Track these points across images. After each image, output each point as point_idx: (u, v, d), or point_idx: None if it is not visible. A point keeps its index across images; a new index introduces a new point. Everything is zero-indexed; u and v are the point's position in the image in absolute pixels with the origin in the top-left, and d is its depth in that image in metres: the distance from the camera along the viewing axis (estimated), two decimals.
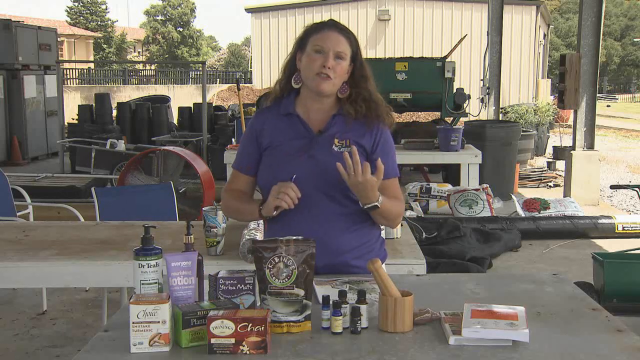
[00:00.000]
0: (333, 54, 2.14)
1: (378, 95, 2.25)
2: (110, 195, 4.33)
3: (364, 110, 2.21)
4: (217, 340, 1.62)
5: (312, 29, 2.20)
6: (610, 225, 6.51)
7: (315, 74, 2.15)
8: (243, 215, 2.32)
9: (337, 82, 2.17)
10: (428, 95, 9.27)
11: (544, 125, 14.18)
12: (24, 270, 2.81)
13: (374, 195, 2.11)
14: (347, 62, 2.17)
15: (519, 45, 21.04)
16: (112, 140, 9.23)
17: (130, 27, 48.89)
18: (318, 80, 2.15)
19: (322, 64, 2.13)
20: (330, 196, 2.17)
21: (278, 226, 2.20)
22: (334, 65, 2.14)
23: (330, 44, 2.14)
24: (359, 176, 2.05)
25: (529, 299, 2.00)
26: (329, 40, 2.15)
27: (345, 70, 2.18)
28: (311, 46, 2.16)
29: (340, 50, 2.15)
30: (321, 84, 2.15)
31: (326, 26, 2.19)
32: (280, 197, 2.09)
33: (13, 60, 11.88)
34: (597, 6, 8.08)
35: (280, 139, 2.21)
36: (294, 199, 2.09)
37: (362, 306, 1.76)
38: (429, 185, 7.56)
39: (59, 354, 3.86)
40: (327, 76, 2.14)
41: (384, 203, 2.14)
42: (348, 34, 2.19)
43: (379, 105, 2.23)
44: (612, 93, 46.23)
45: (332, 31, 2.17)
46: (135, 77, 30.69)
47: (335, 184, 2.14)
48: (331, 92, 2.19)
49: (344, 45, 2.16)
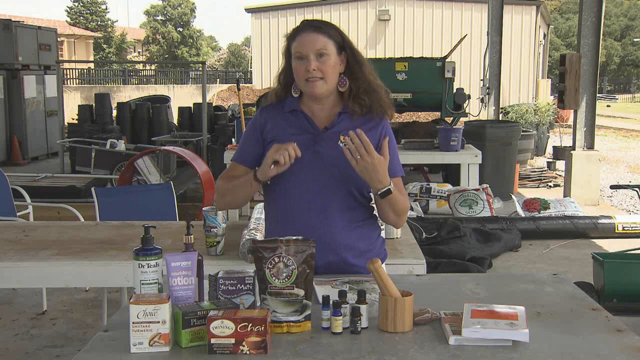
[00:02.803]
0: (313, 55, 2.12)
1: (377, 82, 2.24)
2: (110, 195, 4.33)
3: (368, 103, 2.20)
4: (217, 340, 1.62)
5: (290, 37, 2.19)
6: (610, 225, 6.51)
7: (304, 81, 2.15)
8: (237, 191, 2.23)
9: (329, 80, 2.16)
10: (428, 95, 9.27)
11: (544, 125, 14.18)
12: (24, 270, 2.80)
13: (385, 178, 2.08)
14: (332, 56, 2.15)
15: (519, 45, 21.04)
16: (112, 140, 9.23)
17: (130, 27, 48.91)
18: (308, 85, 2.15)
19: (306, 68, 2.13)
20: (332, 192, 2.16)
21: (278, 222, 2.20)
22: (318, 65, 2.12)
23: (307, 46, 2.13)
24: (367, 156, 2.01)
25: (529, 299, 2.00)
26: (305, 43, 2.13)
27: (333, 64, 2.15)
28: (293, 54, 2.16)
29: (319, 47, 2.13)
30: (313, 89, 2.15)
31: (300, 30, 2.17)
32: (280, 152, 2.06)
33: (13, 60, 11.88)
34: (597, 6, 8.08)
35: (284, 133, 2.20)
36: (292, 157, 2.06)
37: (362, 306, 1.76)
38: (429, 185, 7.56)
39: (59, 354, 3.86)
40: (315, 79, 2.13)
41: (395, 191, 2.13)
42: (326, 28, 2.16)
43: (380, 93, 2.23)
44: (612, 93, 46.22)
45: (306, 33, 2.14)
46: (135, 77, 30.70)
47: (338, 180, 2.13)
48: (327, 92, 2.19)
49: (322, 41, 2.13)
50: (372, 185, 2.11)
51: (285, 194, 2.19)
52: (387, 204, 2.15)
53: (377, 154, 2.04)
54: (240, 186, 2.21)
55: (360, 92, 2.20)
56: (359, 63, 2.21)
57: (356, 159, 2.03)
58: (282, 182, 2.17)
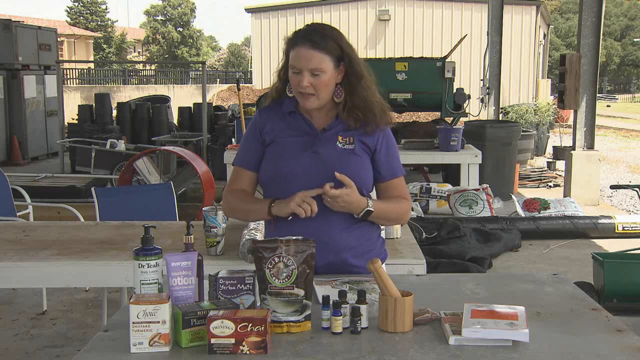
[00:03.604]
0: (307, 72, 2.11)
1: (374, 98, 2.21)
2: (110, 195, 4.33)
3: (361, 119, 2.20)
4: (217, 340, 1.62)
5: (290, 43, 2.17)
6: (610, 225, 6.51)
7: (297, 92, 2.16)
8: (249, 215, 2.31)
9: (322, 96, 2.15)
10: (428, 95, 9.27)
11: (544, 125, 14.18)
12: (24, 270, 2.80)
13: (360, 204, 2.12)
14: (328, 72, 2.13)
15: (519, 45, 21.04)
16: (112, 140, 9.23)
17: (130, 27, 48.90)
18: (301, 98, 2.16)
19: (299, 83, 2.13)
20: None
21: (278, 223, 2.20)
22: (311, 82, 2.12)
23: (302, 63, 2.11)
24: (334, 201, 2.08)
25: (529, 299, 2.00)
26: (301, 59, 2.12)
27: (327, 81, 2.14)
28: (290, 63, 2.16)
29: (314, 67, 2.11)
30: (305, 103, 2.16)
31: (299, 42, 2.13)
32: (303, 207, 2.08)
33: (13, 60, 11.88)
34: (597, 6, 8.08)
35: (284, 134, 2.21)
36: (309, 213, 2.09)
37: (362, 306, 1.76)
38: (429, 185, 7.56)
39: (59, 354, 3.86)
40: (307, 94, 2.14)
41: (378, 205, 2.15)
42: (324, 43, 2.12)
43: (374, 111, 2.20)
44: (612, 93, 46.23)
45: (304, 48, 2.11)
46: (135, 77, 30.69)
47: (338, 181, 2.13)
48: (319, 106, 2.18)
49: (317, 59, 2.11)
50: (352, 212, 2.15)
51: (285, 194, 2.18)
52: (375, 218, 2.19)
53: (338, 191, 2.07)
54: (252, 213, 2.27)
55: (355, 107, 2.19)
56: (357, 76, 2.18)
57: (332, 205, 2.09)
58: (283, 183, 2.18)
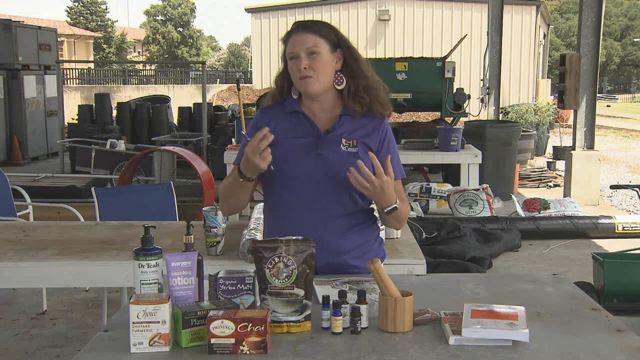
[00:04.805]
0: (304, 53, 2.13)
1: (375, 78, 2.24)
2: (110, 195, 4.33)
3: (367, 101, 2.20)
4: (217, 340, 1.62)
5: (284, 40, 2.20)
6: (610, 225, 6.51)
7: (298, 79, 2.16)
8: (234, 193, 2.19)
9: (322, 78, 2.15)
10: (428, 95, 9.26)
11: (544, 125, 14.18)
12: (24, 270, 2.80)
13: (392, 198, 2.10)
14: (324, 54, 2.15)
15: (519, 45, 21.04)
16: (112, 140, 9.23)
17: (130, 27, 48.91)
18: (302, 83, 2.16)
19: (298, 67, 2.14)
20: (333, 195, 2.16)
21: (278, 223, 2.20)
22: (309, 63, 2.13)
23: (297, 46, 2.14)
24: (376, 181, 2.02)
25: (529, 299, 2.00)
26: (296, 43, 2.15)
27: (325, 61, 2.15)
28: (287, 56, 2.18)
29: (309, 46, 2.13)
30: (306, 87, 2.16)
31: (292, 32, 2.19)
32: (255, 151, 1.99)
33: (13, 60, 11.88)
34: (597, 6, 8.08)
35: (286, 136, 2.18)
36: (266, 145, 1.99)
37: (362, 306, 1.76)
38: (429, 185, 7.56)
39: (59, 354, 3.86)
40: (307, 76, 2.14)
41: (400, 204, 2.14)
42: (317, 27, 2.16)
43: (379, 90, 2.23)
44: (612, 93, 46.23)
45: (297, 34, 2.16)
46: (135, 77, 30.70)
47: (340, 183, 2.13)
48: (322, 90, 2.18)
49: (312, 40, 2.14)
50: (379, 204, 2.12)
51: (287, 196, 2.18)
52: (393, 217, 2.16)
53: (385, 177, 2.04)
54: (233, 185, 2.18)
55: (359, 89, 2.20)
56: (355, 60, 2.21)
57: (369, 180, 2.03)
58: (284, 183, 2.17)
